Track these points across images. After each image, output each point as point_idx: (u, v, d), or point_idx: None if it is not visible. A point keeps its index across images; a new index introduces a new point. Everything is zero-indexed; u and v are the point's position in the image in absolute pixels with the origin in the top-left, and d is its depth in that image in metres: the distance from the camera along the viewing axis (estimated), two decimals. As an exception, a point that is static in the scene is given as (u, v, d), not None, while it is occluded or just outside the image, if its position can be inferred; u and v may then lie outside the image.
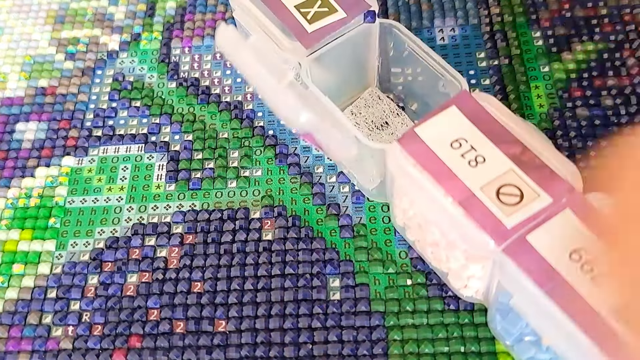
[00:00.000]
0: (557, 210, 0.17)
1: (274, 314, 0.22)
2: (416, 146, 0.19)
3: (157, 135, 0.27)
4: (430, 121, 0.19)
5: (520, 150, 0.19)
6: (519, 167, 0.18)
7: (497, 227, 0.17)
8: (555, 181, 0.18)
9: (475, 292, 0.20)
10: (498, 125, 0.19)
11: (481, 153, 0.19)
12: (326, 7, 0.22)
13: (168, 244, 0.24)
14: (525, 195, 0.18)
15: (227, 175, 0.26)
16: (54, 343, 0.22)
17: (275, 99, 0.21)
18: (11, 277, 0.24)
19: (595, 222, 0.17)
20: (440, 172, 0.18)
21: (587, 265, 0.16)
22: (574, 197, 0.18)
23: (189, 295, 0.23)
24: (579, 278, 0.16)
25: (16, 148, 0.27)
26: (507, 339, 0.20)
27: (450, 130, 0.19)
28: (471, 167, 0.18)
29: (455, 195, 0.18)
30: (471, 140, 0.19)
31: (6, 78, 0.30)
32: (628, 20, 0.28)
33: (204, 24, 0.31)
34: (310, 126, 0.20)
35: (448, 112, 0.19)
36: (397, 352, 0.21)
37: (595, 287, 0.16)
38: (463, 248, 0.19)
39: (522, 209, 0.18)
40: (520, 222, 0.17)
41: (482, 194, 0.18)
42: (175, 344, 0.22)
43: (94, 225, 0.25)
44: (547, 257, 0.17)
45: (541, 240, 0.17)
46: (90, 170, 0.26)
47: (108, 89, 0.29)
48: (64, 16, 0.32)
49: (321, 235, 0.24)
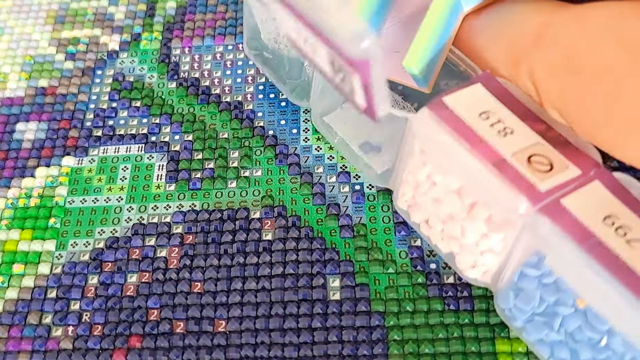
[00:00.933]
0: (587, 181, 0.18)
1: (274, 314, 0.22)
2: (446, 112, 0.19)
3: (157, 135, 0.27)
4: (458, 93, 0.20)
5: (545, 127, 0.19)
6: (547, 141, 0.19)
7: (531, 190, 0.18)
8: (582, 156, 0.18)
9: (484, 272, 0.20)
10: (522, 105, 0.19)
11: (509, 125, 0.19)
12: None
13: (168, 244, 0.24)
14: (555, 165, 0.18)
15: (227, 175, 0.26)
16: (54, 343, 0.22)
17: (335, 19, 0.20)
18: (11, 277, 0.24)
19: (624, 195, 0.18)
20: (471, 138, 0.19)
21: (620, 229, 0.17)
22: (601, 172, 0.18)
23: (189, 295, 0.23)
24: (614, 240, 0.17)
25: (16, 148, 0.27)
26: (518, 318, 0.20)
27: (477, 103, 0.19)
28: (501, 136, 0.19)
29: (488, 158, 0.18)
30: (498, 114, 0.19)
31: (6, 78, 0.30)
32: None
33: (204, 24, 0.31)
34: (371, 52, 0.19)
35: (474, 87, 0.20)
36: (397, 352, 0.21)
37: (630, 248, 0.17)
38: (488, 215, 0.19)
39: (554, 176, 0.18)
40: (553, 187, 0.18)
41: (514, 160, 0.18)
42: (176, 344, 0.22)
43: (94, 225, 0.25)
44: (582, 219, 0.17)
45: (575, 204, 0.18)
46: (91, 170, 0.26)
47: (108, 89, 0.29)
48: (64, 16, 0.32)
49: (321, 235, 0.24)
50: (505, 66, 0.19)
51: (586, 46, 0.17)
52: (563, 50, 0.17)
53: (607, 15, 0.17)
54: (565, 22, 0.18)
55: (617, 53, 0.16)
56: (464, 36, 0.20)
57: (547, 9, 0.18)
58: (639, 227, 0.17)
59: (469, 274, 0.21)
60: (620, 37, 0.16)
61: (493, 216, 0.19)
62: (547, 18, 0.18)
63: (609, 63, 0.16)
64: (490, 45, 0.20)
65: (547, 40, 0.18)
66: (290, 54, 0.25)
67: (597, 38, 0.17)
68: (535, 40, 0.18)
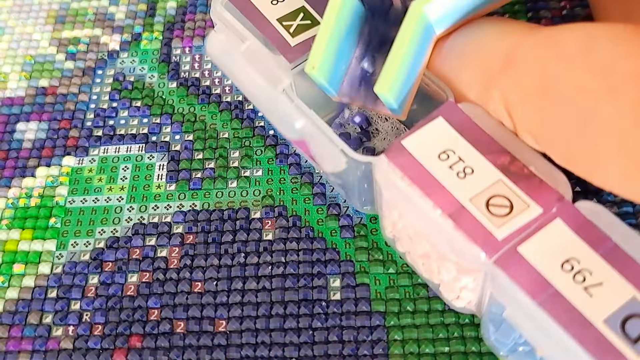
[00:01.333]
0: (548, 221, 0.17)
1: (274, 314, 0.22)
2: (403, 159, 0.19)
3: (157, 135, 0.27)
4: (417, 133, 0.19)
5: (508, 160, 0.18)
6: (508, 177, 0.18)
7: (488, 239, 0.17)
8: (545, 191, 0.18)
9: (468, 302, 0.20)
10: (485, 136, 0.19)
11: (469, 164, 0.18)
12: (309, 19, 0.22)
13: (169, 243, 0.24)
14: (515, 206, 0.18)
15: (227, 175, 0.26)
16: (55, 343, 0.22)
17: (270, 105, 0.21)
18: (12, 277, 0.24)
19: (586, 231, 0.17)
20: (428, 185, 0.18)
21: (579, 275, 0.16)
22: (564, 207, 0.17)
23: (189, 295, 0.23)
24: (572, 288, 0.16)
25: (17, 148, 0.27)
26: (501, 349, 0.20)
27: (437, 142, 0.19)
28: (460, 179, 0.18)
29: (444, 207, 0.18)
30: (459, 151, 0.19)
31: (6, 78, 0.30)
32: (629, 20, 0.28)
33: (205, 24, 0.31)
34: (305, 134, 0.19)
35: (434, 123, 0.19)
36: (397, 352, 0.21)
37: (588, 297, 0.16)
38: (454, 260, 0.18)
39: (513, 219, 0.17)
40: (511, 233, 0.17)
41: (472, 206, 0.18)
42: (176, 344, 0.22)
43: (95, 225, 0.25)
44: (539, 268, 0.17)
45: (532, 251, 0.17)
46: (91, 170, 0.26)
47: (109, 89, 0.29)
48: (65, 16, 0.32)
49: (322, 236, 0.24)
50: (475, 91, 0.19)
51: (558, 69, 0.16)
52: (535, 73, 0.17)
53: (578, 38, 0.16)
54: (536, 45, 0.17)
55: (589, 77, 0.16)
56: (433, 60, 0.20)
57: (517, 30, 0.18)
58: (599, 268, 0.16)
59: (456, 304, 0.21)
60: (592, 60, 0.16)
61: (459, 262, 0.18)
62: (517, 40, 0.17)
63: (581, 86, 0.16)
64: (460, 69, 0.19)
65: (518, 63, 0.17)
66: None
67: (569, 61, 0.16)
68: (505, 63, 0.17)
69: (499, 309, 0.18)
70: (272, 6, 0.23)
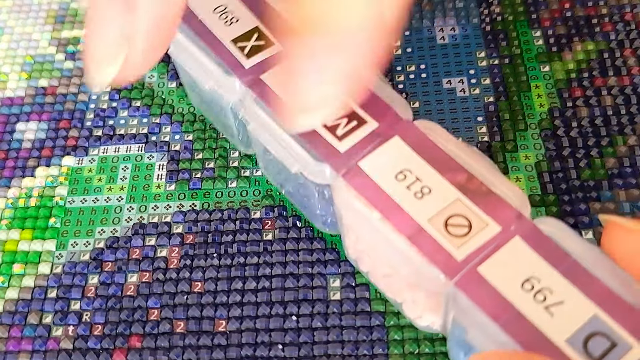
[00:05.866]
0: (507, 239, 0.17)
1: (274, 314, 0.22)
2: (361, 180, 0.18)
3: (157, 135, 0.27)
4: (374, 154, 0.19)
5: (466, 178, 0.18)
6: (466, 195, 0.18)
7: (448, 261, 0.17)
8: (503, 208, 0.18)
9: (431, 322, 0.20)
10: (443, 154, 0.19)
11: (427, 184, 0.18)
12: (263, 40, 0.22)
13: (168, 243, 0.24)
14: (474, 225, 0.17)
15: (227, 175, 0.26)
16: (55, 343, 0.22)
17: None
18: (11, 277, 0.24)
19: (546, 249, 0.17)
20: (386, 207, 0.18)
21: (540, 294, 0.16)
22: (522, 224, 0.17)
23: (189, 295, 0.23)
24: (533, 308, 0.16)
25: (16, 148, 0.27)
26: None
27: (394, 162, 0.19)
28: (417, 199, 0.18)
29: (402, 229, 0.18)
30: (416, 170, 0.18)
31: (6, 78, 0.30)
32: (629, 19, 0.28)
33: (204, 23, 0.31)
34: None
35: (391, 143, 0.19)
36: (397, 352, 0.21)
37: (549, 316, 0.16)
38: (415, 282, 0.18)
39: (472, 239, 0.17)
40: (471, 253, 0.17)
41: (430, 227, 0.17)
42: (176, 344, 0.22)
43: (94, 225, 0.25)
44: (500, 288, 0.16)
45: (492, 271, 0.17)
46: (91, 170, 0.26)
47: (108, 89, 0.29)
48: (64, 16, 0.32)
49: (321, 236, 0.24)
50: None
51: None
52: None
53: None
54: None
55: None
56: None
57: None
58: (559, 286, 0.16)
59: (419, 323, 0.21)
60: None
61: (420, 283, 0.18)
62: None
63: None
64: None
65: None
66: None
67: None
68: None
69: (461, 331, 0.18)
70: (226, 27, 0.22)
